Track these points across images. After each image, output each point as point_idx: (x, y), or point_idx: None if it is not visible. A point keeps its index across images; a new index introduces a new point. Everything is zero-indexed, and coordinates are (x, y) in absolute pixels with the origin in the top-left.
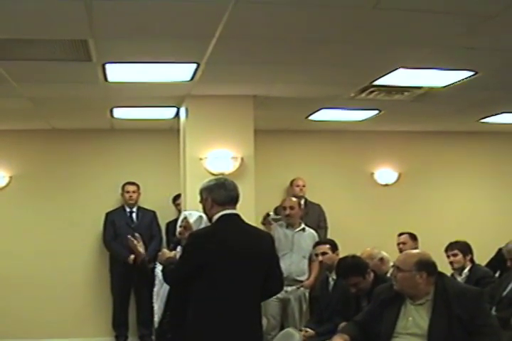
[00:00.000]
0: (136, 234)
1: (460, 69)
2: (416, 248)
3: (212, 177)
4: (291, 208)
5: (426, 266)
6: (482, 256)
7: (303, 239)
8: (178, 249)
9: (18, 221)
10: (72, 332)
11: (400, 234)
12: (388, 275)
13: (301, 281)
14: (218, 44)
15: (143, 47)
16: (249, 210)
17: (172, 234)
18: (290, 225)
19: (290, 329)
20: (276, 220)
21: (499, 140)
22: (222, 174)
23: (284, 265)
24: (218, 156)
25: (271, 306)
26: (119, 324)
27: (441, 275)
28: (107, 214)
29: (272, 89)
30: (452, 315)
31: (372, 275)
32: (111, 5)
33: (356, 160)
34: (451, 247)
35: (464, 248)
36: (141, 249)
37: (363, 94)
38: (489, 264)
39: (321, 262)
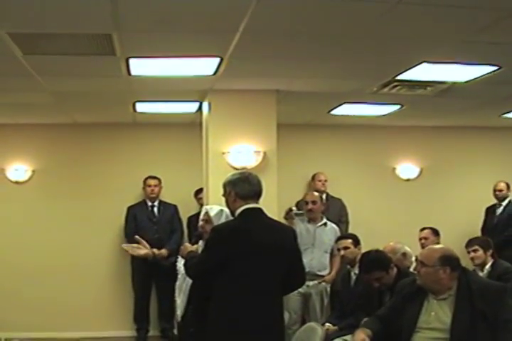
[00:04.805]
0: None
1: (483, 64)
2: (438, 243)
3: (236, 171)
4: (313, 203)
5: (450, 261)
6: None
7: (324, 233)
8: (200, 243)
9: (40, 214)
10: (93, 325)
11: (422, 229)
12: (411, 269)
13: (323, 276)
14: (242, 38)
15: (167, 41)
16: (272, 204)
17: (194, 228)
18: (312, 220)
19: (313, 324)
20: (299, 215)
21: None
22: (245, 168)
23: (306, 260)
24: (241, 150)
25: (292, 300)
26: (140, 317)
27: (465, 270)
28: (129, 208)
29: (295, 84)
30: (475, 311)
31: (395, 269)
32: None
33: (378, 155)
34: (471, 243)
35: (484, 243)
36: (141, 251)
37: (386, 89)
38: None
39: (342, 256)
